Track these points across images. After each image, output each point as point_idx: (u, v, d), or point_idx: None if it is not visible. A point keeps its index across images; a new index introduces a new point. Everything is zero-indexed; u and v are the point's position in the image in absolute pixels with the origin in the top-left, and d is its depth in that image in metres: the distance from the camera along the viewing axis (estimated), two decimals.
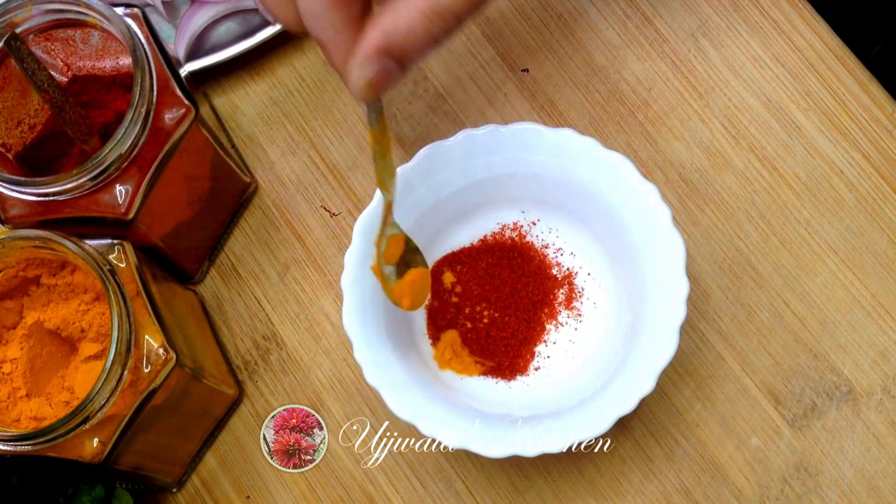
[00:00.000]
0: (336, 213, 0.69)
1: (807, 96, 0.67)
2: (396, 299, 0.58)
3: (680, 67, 0.69)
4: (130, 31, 0.57)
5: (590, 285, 0.64)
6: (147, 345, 0.56)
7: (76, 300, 0.58)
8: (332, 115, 0.70)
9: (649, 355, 0.58)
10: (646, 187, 0.60)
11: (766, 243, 0.66)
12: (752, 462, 0.64)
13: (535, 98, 0.69)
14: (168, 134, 0.58)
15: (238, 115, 0.71)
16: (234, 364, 0.68)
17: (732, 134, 0.67)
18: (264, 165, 0.70)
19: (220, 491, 0.66)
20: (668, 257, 0.59)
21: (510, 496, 0.64)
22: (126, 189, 0.57)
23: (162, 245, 0.62)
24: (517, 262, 0.64)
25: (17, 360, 0.57)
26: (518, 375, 0.63)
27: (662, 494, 0.64)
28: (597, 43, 0.70)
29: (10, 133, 0.61)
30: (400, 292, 0.58)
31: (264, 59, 0.71)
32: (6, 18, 0.57)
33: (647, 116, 0.68)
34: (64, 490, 0.59)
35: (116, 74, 0.62)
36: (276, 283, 0.68)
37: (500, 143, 0.61)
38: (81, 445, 0.55)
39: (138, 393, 0.55)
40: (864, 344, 0.64)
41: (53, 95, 0.57)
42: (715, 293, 0.66)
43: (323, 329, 0.68)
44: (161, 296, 0.59)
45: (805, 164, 0.67)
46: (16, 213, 0.58)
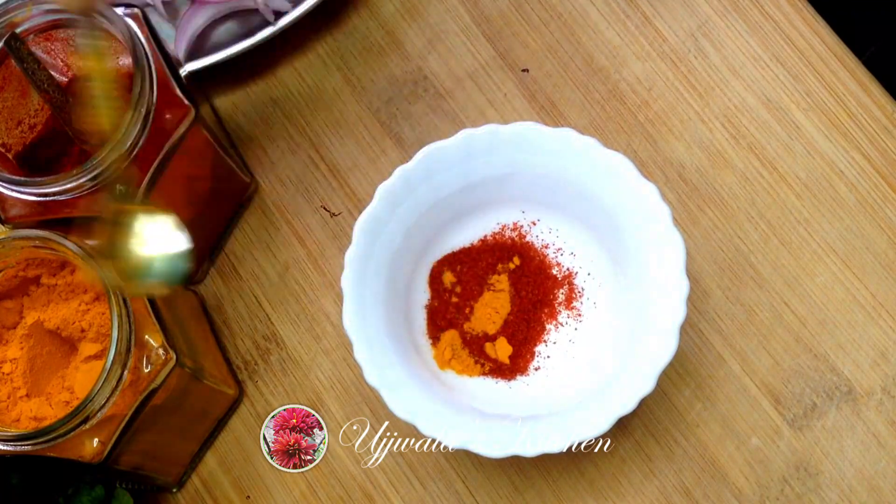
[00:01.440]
0: (336, 213, 0.69)
1: (807, 96, 0.67)
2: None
3: (680, 67, 0.69)
4: (130, 31, 0.57)
5: (590, 285, 0.64)
6: (147, 345, 0.56)
7: (76, 300, 0.58)
8: (332, 115, 0.70)
9: (649, 355, 0.58)
10: (646, 187, 0.60)
11: (766, 243, 0.66)
12: (752, 462, 0.64)
13: (535, 98, 0.69)
14: (168, 134, 0.58)
15: (238, 115, 0.71)
16: (234, 364, 0.68)
17: (732, 134, 0.67)
18: (264, 165, 0.70)
19: (220, 491, 0.66)
20: (668, 257, 0.59)
21: (510, 496, 0.64)
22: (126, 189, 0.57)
23: None
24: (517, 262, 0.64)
25: (17, 360, 0.57)
26: (518, 375, 0.63)
27: (662, 494, 0.64)
28: (597, 43, 0.70)
29: (10, 133, 0.61)
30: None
31: (264, 59, 0.71)
32: (6, 18, 0.57)
33: (647, 116, 0.68)
34: (64, 490, 0.59)
35: (116, 74, 0.62)
36: (276, 283, 0.68)
37: (500, 143, 0.61)
38: (81, 445, 0.55)
39: (138, 393, 0.55)
40: (864, 344, 0.64)
41: (53, 95, 0.57)
42: (715, 293, 0.66)
43: (323, 329, 0.68)
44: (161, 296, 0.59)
45: (805, 164, 0.67)
46: (16, 213, 0.58)
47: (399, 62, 0.71)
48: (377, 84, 0.70)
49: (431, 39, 0.71)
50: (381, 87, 0.70)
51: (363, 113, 0.70)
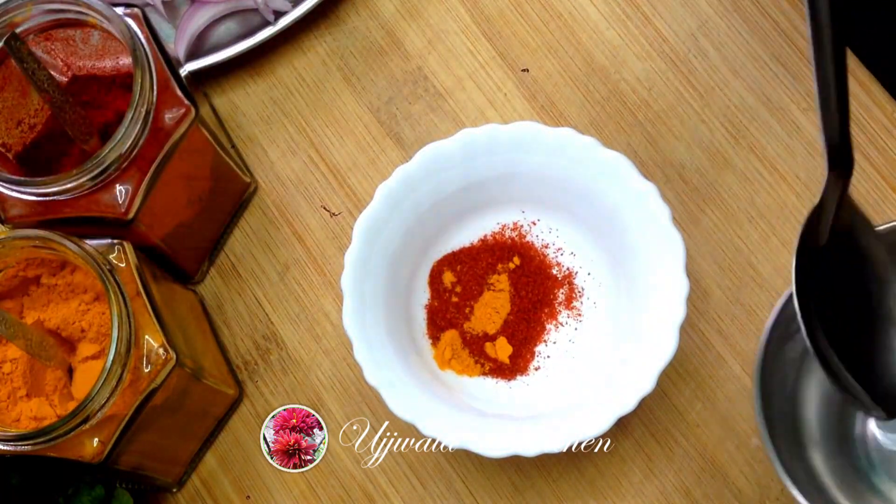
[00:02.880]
0: (336, 213, 0.69)
1: (807, 96, 0.67)
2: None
3: (680, 67, 0.69)
4: (130, 31, 0.57)
5: (590, 285, 0.64)
6: (147, 345, 0.56)
7: (76, 300, 0.58)
8: (332, 115, 0.70)
9: (649, 355, 0.58)
10: (646, 187, 0.60)
11: (766, 243, 0.66)
12: (752, 462, 0.64)
13: (535, 98, 0.69)
14: (168, 134, 0.58)
15: (238, 115, 0.71)
16: (234, 364, 0.68)
17: (732, 134, 0.67)
18: (264, 165, 0.70)
19: (220, 491, 0.66)
20: (668, 257, 0.59)
21: (510, 496, 0.64)
22: (126, 189, 0.57)
23: (162, 245, 0.62)
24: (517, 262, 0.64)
25: (17, 360, 0.57)
26: (518, 375, 0.63)
27: (662, 494, 0.64)
28: (597, 43, 0.70)
29: (10, 133, 0.61)
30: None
31: (264, 59, 0.71)
32: (6, 18, 0.57)
33: (647, 116, 0.68)
34: (64, 490, 0.59)
35: (116, 74, 0.62)
36: (276, 283, 0.68)
37: (500, 143, 0.61)
38: (81, 445, 0.55)
39: (138, 393, 0.55)
40: None
41: (53, 95, 0.57)
42: (715, 293, 0.66)
43: (323, 329, 0.68)
44: (161, 296, 0.59)
45: (805, 164, 0.67)
46: (16, 213, 0.58)
47: (399, 62, 0.71)
48: (377, 84, 0.70)
49: (431, 39, 0.71)
50: (381, 87, 0.70)
51: (363, 113, 0.70)
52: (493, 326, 0.64)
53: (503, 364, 0.63)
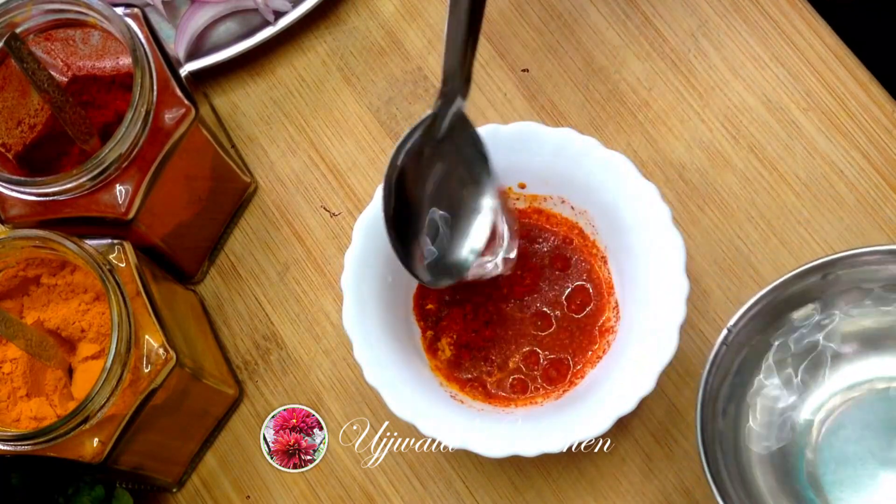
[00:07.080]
0: (336, 213, 0.69)
1: (807, 96, 0.67)
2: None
3: (680, 67, 0.69)
4: (130, 31, 0.57)
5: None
6: (147, 345, 0.56)
7: (76, 300, 0.58)
8: (332, 115, 0.70)
9: (649, 355, 0.58)
10: (646, 187, 0.60)
11: (766, 243, 0.66)
12: None
13: (535, 98, 0.69)
14: (168, 134, 0.58)
15: (238, 115, 0.71)
16: (234, 364, 0.68)
17: (732, 134, 0.67)
18: (264, 165, 0.70)
19: (220, 491, 0.66)
20: (668, 257, 0.59)
21: (510, 496, 0.64)
22: (126, 189, 0.57)
23: (162, 245, 0.62)
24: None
25: (17, 360, 0.57)
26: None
27: (662, 494, 0.64)
28: (597, 43, 0.70)
29: (10, 133, 0.61)
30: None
31: (264, 59, 0.71)
32: (6, 18, 0.57)
33: (647, 116, 0.68)
34: (64, 490, 0.59)
35: (116, 74, 0.62)
36: (276, 283, 0.68)
37: (500, 143, 0.61)
38: (81, 445, 0.55)
39: (138, 393, 0.55)
40: None
41: (53, 95, 0.57)
42: (715, 293, 0.66)
43: (323, 329, 0.68)
44: (161, 296, 0.59)
45: (805, 164, 0.67)
46: (16, 213, 0.58)
47: (399, 62, 0.71)
48: (377, 84, 0.70)
49: (431, 39, 0.71)
50: (381, 87, 0.70)
51: (363, 113, 0.70)
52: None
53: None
